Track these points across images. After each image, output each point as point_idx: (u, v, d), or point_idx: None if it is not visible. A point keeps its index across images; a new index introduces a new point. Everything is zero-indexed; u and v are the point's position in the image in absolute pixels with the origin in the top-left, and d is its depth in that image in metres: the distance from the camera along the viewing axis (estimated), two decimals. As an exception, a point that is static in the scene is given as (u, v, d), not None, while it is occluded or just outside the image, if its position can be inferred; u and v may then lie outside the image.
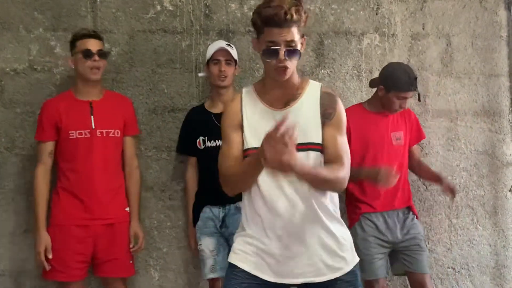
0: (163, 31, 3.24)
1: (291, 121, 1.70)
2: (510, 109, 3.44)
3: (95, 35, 2.89)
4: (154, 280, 3.18)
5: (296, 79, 2.05)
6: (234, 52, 2.97)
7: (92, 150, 2.81)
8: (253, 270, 2.01)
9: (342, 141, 2.01)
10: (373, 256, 2.94)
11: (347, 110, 3.00)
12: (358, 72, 3.34)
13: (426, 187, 3.36)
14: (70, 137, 2.81)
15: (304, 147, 1.96)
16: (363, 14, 3.38)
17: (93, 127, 2.83)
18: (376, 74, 3.33)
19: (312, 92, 2.05)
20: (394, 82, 2.90)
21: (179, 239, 3.20)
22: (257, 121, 2.02)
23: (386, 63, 3.17)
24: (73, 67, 2.90)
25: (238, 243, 2.06)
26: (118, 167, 2.93)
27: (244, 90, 2.11)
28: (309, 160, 1.96)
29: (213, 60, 2.92)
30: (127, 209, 2.93)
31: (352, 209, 3.03)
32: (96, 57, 2.82)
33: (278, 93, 2.04)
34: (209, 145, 2.91)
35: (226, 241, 2.88)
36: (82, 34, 2.87)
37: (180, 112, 3.21)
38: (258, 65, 3.24)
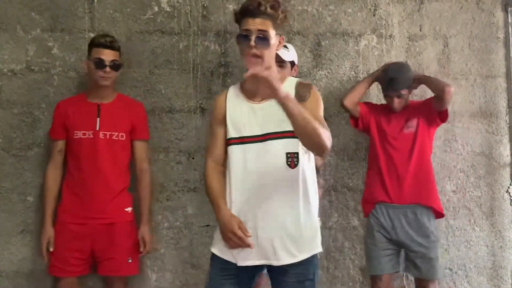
0: (161, 32, 3.24)
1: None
2: (507, 110, 3.44)
3: (111, 46, 2.88)
4: (152, 281, 3.18)
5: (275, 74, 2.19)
6: (288, 54, 2.92)
7: (96, 151, 2.86)
8: (221, 254, 2.18)
9: (319, 115, 2.15)
10: (378, 252, 2.96)
11: (375, 105, 3.18)
12: (355, 73, 3.34)
13: (424, 188, 3.37)
14: (75, 137, 2.88)
15: (280, 135, 2.13)
16: (361, 16, 3.38)
17: (97, 128, 2.87)
18: (373, 75, 3.34)
19: (288, 86, 2.20)
20: (381, 82, 3.11)
21: (176, 240, 3.20)
22: (238, 114, 2.20)
23: (383, 64, 3.19)
24: (86, 71, 2.94)
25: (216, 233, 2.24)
26: (124, 170, 2.96)
27: (231, 87, 2.30)
28: (286, 148, 2.12)
29: None
30: (128, 209, 2.94)
31: (363, 199, 3.10)
32: (108, 69, 2.86)
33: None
34: None
35: None
36: (98, 42, 2.87)
37: (177, 113, 3.21)
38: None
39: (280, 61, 2.84)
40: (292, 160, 2.12)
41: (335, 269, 3.30)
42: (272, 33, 2.13)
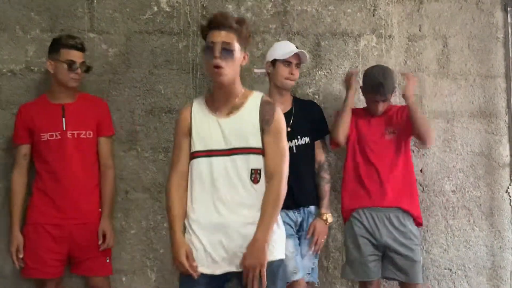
0: (160, 32, 3.25)
1: None
2: (507, 110, 3.44)
3: (82, 48, 2.91)
4: (151, 281, 3.18)
5: (239, 89, 2.31)
6: (304, 59, 2.97)
7: (64, 151, 2.86)
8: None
9: (280, 146, 2.27)
10: (364, 257, 2.92)
11: (352, 110, 3.11)
12: (355, 73, 3.35)
13: (423, 188, 3.37)
14: (42, 139, 2.88)
15: (245, 151, 2.23)
16: (360, 16, 3.38)
17: (64, 129, 2.88)
18: (373, 75, 3.34)
19: (253, 102, 2.29)
20: (364, 86, 3.05)
21: (176, 240, 3.19)
22: (204, 127, 2.28)
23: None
24: (52, 72, 2.91)
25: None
26: (92, 168, 2.96)
27: (195, 100, 2.38)
28: (251, 164, 2.21)
29: (285, 61, 2.90)
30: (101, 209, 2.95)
31: (344, 206, 3.06)
32: (79, 70, 2.88)
33: (223, 101, 2.29)
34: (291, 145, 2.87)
35: (299, 244, 2.92)
36: (70, 44, 2.88)
37: (177, 113, 3.20)
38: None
39: (302, 62, 2.96)
40: (256, 176, 2.23)
41: (335, 269, 3.29)
42: (236, 46, 2.23)
